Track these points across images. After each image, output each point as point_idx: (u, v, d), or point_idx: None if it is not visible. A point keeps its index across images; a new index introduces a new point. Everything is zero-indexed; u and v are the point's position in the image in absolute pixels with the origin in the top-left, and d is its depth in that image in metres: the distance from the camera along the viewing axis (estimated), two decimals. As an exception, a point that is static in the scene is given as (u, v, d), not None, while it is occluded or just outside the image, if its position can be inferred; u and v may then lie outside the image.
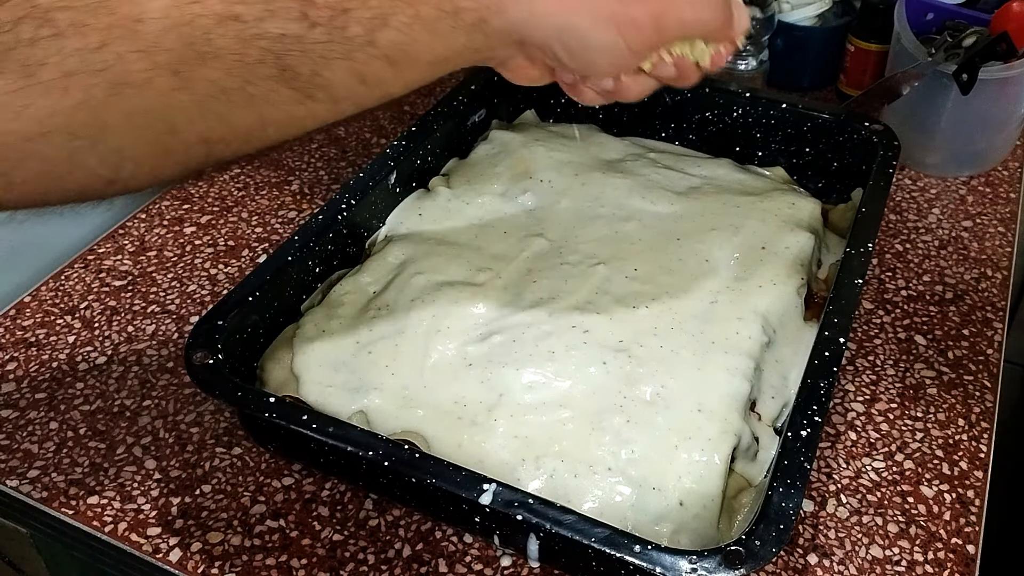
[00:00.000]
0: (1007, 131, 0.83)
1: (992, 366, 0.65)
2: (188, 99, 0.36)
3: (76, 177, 0.38)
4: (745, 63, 0.87)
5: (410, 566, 0.52)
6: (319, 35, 0.37)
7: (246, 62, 0.36)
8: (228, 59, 0.36)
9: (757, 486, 0.54)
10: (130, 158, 0.37)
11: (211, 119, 0.37)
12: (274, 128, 0.39)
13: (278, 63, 0.37)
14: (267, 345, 0.60)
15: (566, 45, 0.41)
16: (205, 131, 0.37)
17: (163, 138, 0.37)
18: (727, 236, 0.66)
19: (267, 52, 0.36)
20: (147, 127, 0.36)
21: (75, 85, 0.34)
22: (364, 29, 0.38)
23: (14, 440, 0.59)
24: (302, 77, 0.37)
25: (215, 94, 0.36)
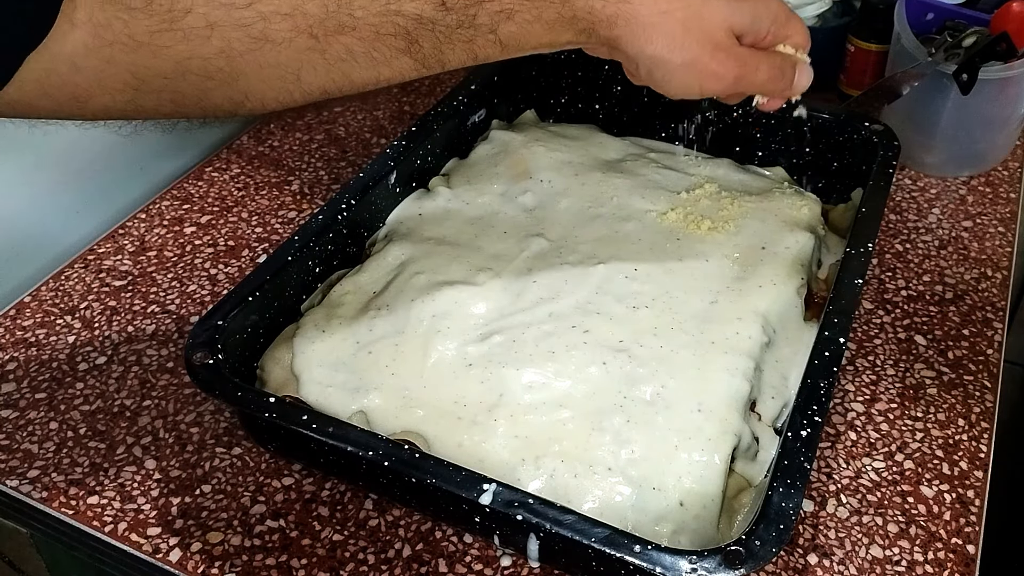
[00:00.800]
0: (1007, 131, 0.83)
1: (992, 366, 0.65)
2: (319, 58, 0.41)
3: (201, 107, 0.41)
4: (745, 63, 0.87)
5: (410, 566, 0.52)
6: (451, 20, 0.42)
7: (380, 33, 0.41)
8: (364, 29, 0.40)
9: (757, 486, 0.54)
10: (255, 99, 0.41)
11: (335, 75, 0.42)
12: (385, 82, 0.44)
13: (407, 37, 0.42)
14: (267, 345, 0.60)
15: (651, 71, 0.47)
16: (327, 84, 0.42)
17: (288, 86, 0.41)
18: (727, 236, 0.66)
19: (401, 28, 0.41)
20: (277, 78, 0.41)
21: (217, 35, 0.38)
22: (491, 20, 0.43)
23: (14, 440, 0.59)
24: (424, 50, 0.42)
25: (345, 56, 0.41)
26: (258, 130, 0.89)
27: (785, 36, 0.51)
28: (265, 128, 0.89)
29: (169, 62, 0.38)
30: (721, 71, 0.47)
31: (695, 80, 0.47)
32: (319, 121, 0.91)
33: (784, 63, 0.51)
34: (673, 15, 0.45)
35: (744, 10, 0.48)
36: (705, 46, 0.46)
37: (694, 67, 0.47)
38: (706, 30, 0.46)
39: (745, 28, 0.48)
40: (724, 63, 0.47)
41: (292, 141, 0.88)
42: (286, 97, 0.42)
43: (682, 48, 0.46)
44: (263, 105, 0.42)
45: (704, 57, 0.46)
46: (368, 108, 0.93)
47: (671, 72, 0.47)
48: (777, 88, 0.52)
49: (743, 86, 0.50)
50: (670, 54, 0.46)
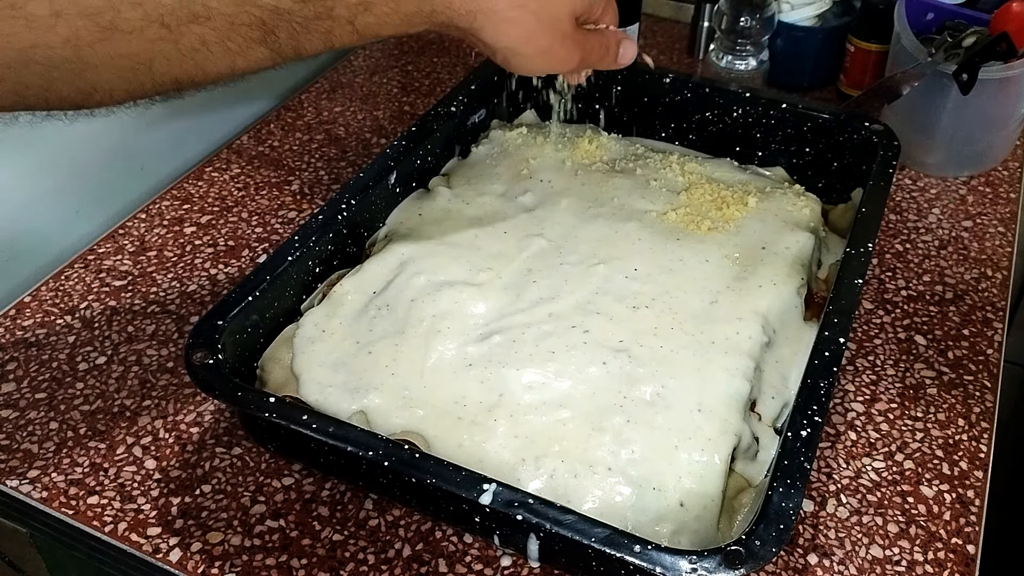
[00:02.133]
0: (1007, 131, 0.83)
1: (992, 366, 0.65)
2: (172, 48, 0.40)
3: (46, 99, 0.40)
4: (745, 63, 0.87)
5: (410, 566, 0.52)
6: (308, 12, 0.42)
7: (235, 23, 0.40)
8: (219, 19, 0.40)
9: (757, 486, 0.54)
10: (103, 91, 0.40)
11: (188, 66, 0.41)
12: (239, 73, 0.43)
13: (263, 27, 0.41)
14: (267, 345, 0.60)
15: (507, 59, 0.51)
16: (180, 75, 0.41)
17: (140, 78, 0.40)
18: (727, 236, 0.66)
19: (256, 18, 0.41)
20: (127, 68, 0.39)
21: (63, 23, 0.37)
22: (349, 12, 0.43)
23: (14, 440, 0.59)
24: (280, 40, 0.42)
25: (198, 46, 0.40)
26: (258, 130, 0.89)
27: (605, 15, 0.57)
28: (265, 128, 0.89)
29: (10, 51, 0.37)
30: (568, 56, 0.53)
31: (546, 65, 0.52)
32: (319, 121, 0.91)
33: (610, 40, 0.57)
34: (527, 8, 0.49)
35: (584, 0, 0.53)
36: (555, 36, 0.51)
37: (545, 55, 0.52)
38: (555, 21, 0.50)
39: (584, 10, 0.53)
40: (571, 49, 0.53)
41: (292, 141, 0.88)
42: (137, 89, 0.41)
43: (535, 40, 0.50)
44: (112, 98, 0.41)
45: (555, 46, 0.51)
46: (368, 108, 0.93)
47: (526, 60, 0.51)
48: (607, 63, 0.58)
49: (583, 65, 0.56)
50: (524, 46, 0.50)
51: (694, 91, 0.77)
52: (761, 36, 0.87)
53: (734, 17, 0.85)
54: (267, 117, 0.91)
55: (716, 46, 0.89)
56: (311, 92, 0.95)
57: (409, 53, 1.02)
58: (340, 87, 0.96)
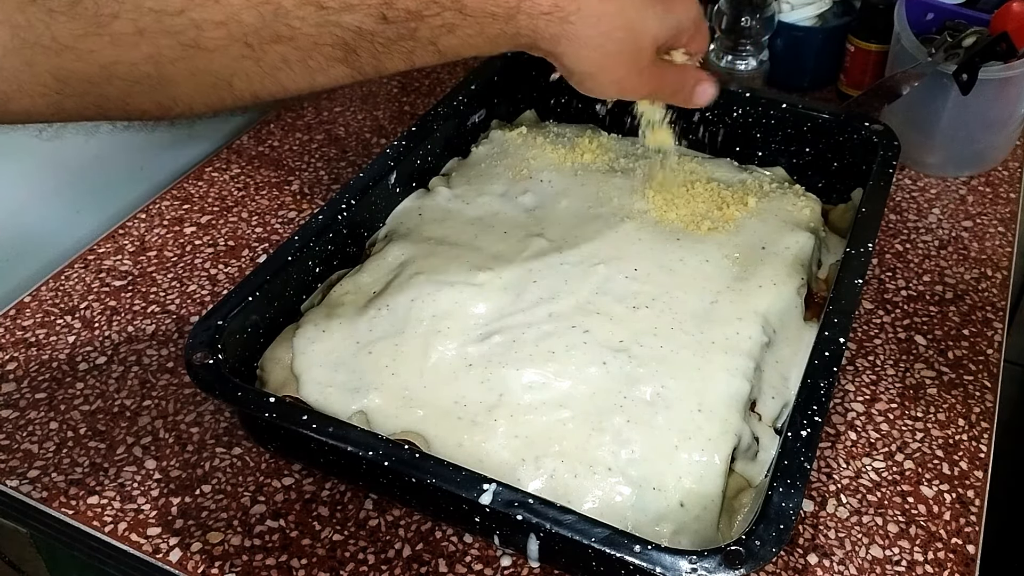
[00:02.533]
0: (1007, 131, 0.83)
1: (992, 366, 0.65)
2: (253, 66, 0.40)
3: (127, 111, 0.40)
4: (745, 63, 0.87)
5: (410, 566, 0.52)
6: (391, 33, 0.41)
7: (317, 43, 0.40)
8: (301, 39, 0.40)
9: (757, 486, 0.54)
10: (183, 104, 0.40)
11: (268, 82, 0.41)
12: (318, 88, 0.43)
13: (345, 47, 0.41)
14: (267, 345, 0.60)
15: (582, 82, 0.50)
16: (260, 90, 0.41)
17: (220, 92, 0.40)
18: (727, 236, 0.66)
19: (339, 39, 0.40)
20: (208, 84, 0.40)
21: (147, 41, 0.37)
22: (432, 34, 0.42)
23: (14, 440, 0.59)
24: (361, 60, 0.42)
25: (279, 64, 0.40)
26: (258, 130, 0.89)
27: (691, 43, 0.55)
28: (265, 128, 0.89)
29: (94, 66, 0.37)
30: (640, 88, 0.52)
31: (616, 91, 0.51)
32: (319, 121, 0.91)
33: (687, 79, 0.56)
34: (612, 36, 0.48)
35: (670, 22, 0.51)
36: (632, 68, 0.50)
37: (619, 84, 0.51)
38: (637, 52, 0.49)
39: (667, 39, 0.52)
40: (645, 82, 0.52)
41: (292, 141, 0.88)
42: (216, 103, 0.41)
43: (615, 68, 0.49)
44: (191, 110, 0.41)
45: (631, 76, 0.50)
46: (368, 108, 0.93)
47: (599, 85, 0.50)
48: (680, 100, 0.57)
49: (654, 96, 0.56)
50: (603, 73, 0.49)
51: (694, 91, 0.77)
52: (761, 36, 0.86)
53: (734, 17, 0.85)
54: (267, 117, 0.91)
55: (716, 46, 0.89)
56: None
57: (409, 53, 1.02)
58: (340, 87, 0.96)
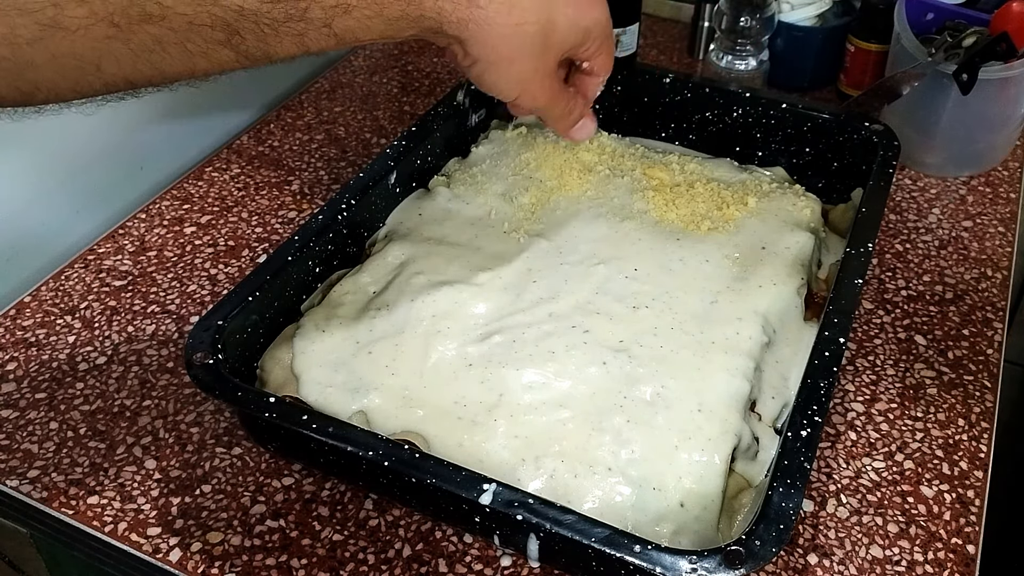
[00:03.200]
0: (1007, 131, 0.83)
1: (992, 366, 0.65)
2: (122, 48, 0.37)
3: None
4: (745, 63, 0.87)
5: (410, 566, 0.52)
6: (278, 13, 0.39)
7: (194, 23, 0.37)
8: (175, 19, 0.37)
9: (757, 486, 0.54)
10: (47, 90, 0.38)
11: (142, 66, 0.38)
12: (202, 75, 0.40)
13: (227, 29, 0.38)
14: (267, 345, 0.60)
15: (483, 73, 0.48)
16: (133, 75, 0.38)
17: (87, 77, 0.37)
18: (727, 236, 0.66)
19: (219, 19, 0.38)
20: (73, 68, 0.37)
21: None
22: (325, 15, 0.40)
23: (14, 440, 0.59)
24: (247, 43, 0.39)
25: (152, 47, 0.37)
26: (258, 130, 0.89)
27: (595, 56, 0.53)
28: (265, 128, 0.89)
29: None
30: (538, 94, 0.51)
31: (517, 89, 0.49)
32: (319, 121, 0.91)
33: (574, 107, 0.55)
34: (524, 29, 0.46)
35: (580, 27, 0.49)
36: (539, 67, 0.48)
37: (521, 83, 0.49)
38: (545, 51, 0.48)
39: (575, 45, 0.50)
40: (545, 90, 0.50)
41: (292, 141, 0.88)
42: (85, 88, 0.38)
43: (520, 64, 0.47)
44: (58, 96, 0.38)
45: (535, 79, 0.49)
46: (368, 108, 0.93)
47: (501, 80, 0.48)
48: (560, 127, 0.56)
49: (540, 111, 0.54)
50: (508, 67, 0.47)
51: (694, 91, 0.77)
52: (761, 36, 0.86)
53: (734, 17, 0.85)
54: (267, 117, 0.91)
55: (716, 46, 0.89)
56: (311, 92, 0.95)
57: (409, 53, 1.02)
58: (340, 87, 0.96)
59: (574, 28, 0.49)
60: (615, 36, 0.83)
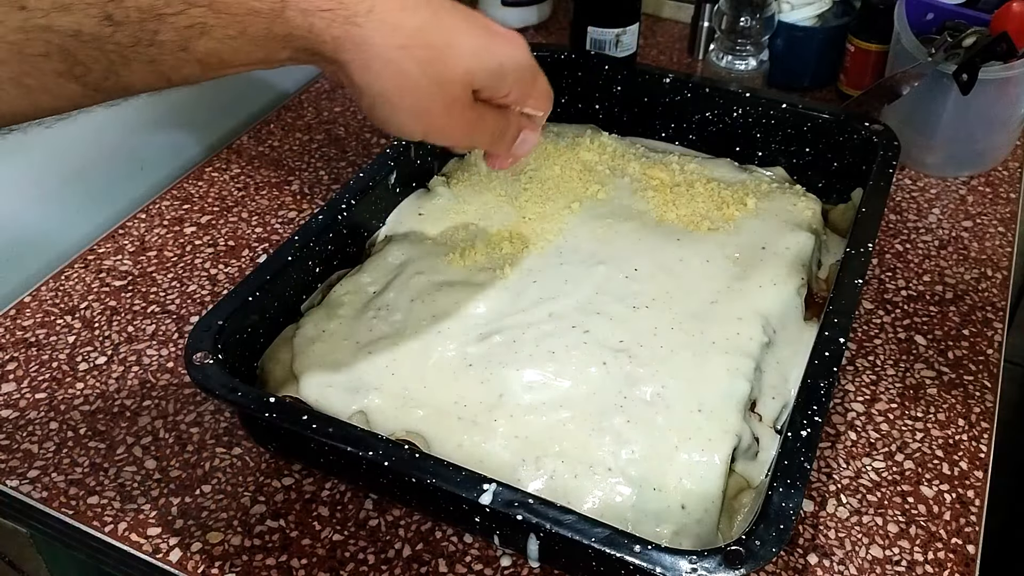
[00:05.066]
0: (1007, 131, 0.83)
1: (992, 366, 0.65)
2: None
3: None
4: (745, 63, 0.87)
5: (410, 566, 0.52)
6: (123, 38, 0.34)
7: (25, 53, 0.33)
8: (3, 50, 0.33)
9: (757, 486, 0.53)
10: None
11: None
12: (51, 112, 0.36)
13: (66, 58, 0.34)
14: (267, 345, 0.60)
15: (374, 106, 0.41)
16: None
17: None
18: (727, 236, 0.66)
19: (55, 47, 0.33)
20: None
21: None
22: (179, 36, 0.35)
23: (14, 440, 0.59)
24: (94, 74, 0.35)
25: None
26: (258, 130, 0.89)
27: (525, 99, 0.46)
28: (265, 128, 0.89)
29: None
30: (449, 128, 0.43)
31: (419, 128, 0.43)
32: (319, 121, 0.91)
33: (507, 126, 0.47)
34: (412, 53, 0.40)
35: (490, 64, 0.43)
36: (438, 98, 0.41)
37: (422, 117, 0.42)
38: (445, 80, 0.41)
39: (485, 85, 0.43)
40: (454, 120, 0.43)
41: (292, 141, 0.88)
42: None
43: (414, 94, 0.41)
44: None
45: (436, 109, 0.42)
46: (368, 108, 0.92)
47: (396, 114, 0.42)
48: (498, 150, 0.49)
49: (468, 143, 0.46)
50: (400, 98, 0.41)
51: (694, 91, 0.77)
52: (761, 36, 0.86)
53: (734, 17, 0.85)
54: (267, 117, 0.91)
55: (716, 46, 0.89)
56: (311, 92, 0.95)
57: (409, 53, 1.02)
58: (340, 87, 0.96)
59: (481, 62, 0.42)
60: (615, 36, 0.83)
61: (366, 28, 0.39)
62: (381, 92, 0.40)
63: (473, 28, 0.42)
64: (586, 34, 0.85)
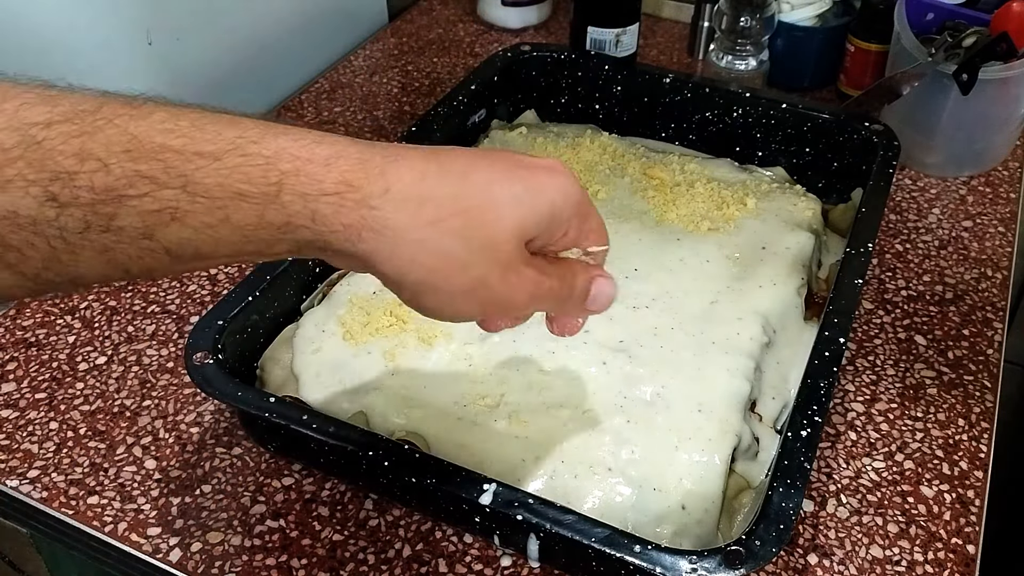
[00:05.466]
0: (1007, 131, 0.83)
1: (992, 366, 0.65)
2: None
3: None
4: (745, 63, 0.87)
5: (410, 566, 0.52)
6: (69, 222, 0.29)
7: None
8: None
9: (757, 486, 0.53)
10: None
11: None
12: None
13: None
14: (267, 345, 0.60)
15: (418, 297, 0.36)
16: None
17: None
18: (727, 236, 0.66)
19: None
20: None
21: None
22: (143, 223, 0.30)
23: (14, 440, 0.59)
24: (31, 263, 0.30)
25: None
26: (258, 130, 0.89)
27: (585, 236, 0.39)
28: (265, 128, 0.89)
29: None
30: (512, 297, 0.36)
31: (477, 309, 0.36)
32: (319, 121, 0.91)
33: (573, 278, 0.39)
34: (447, 226, 0.33)
35: (540, 207, 0.36)
36: (492, 266, 0.35)
37: (477, 294, 0.35)
38: (493, 244, 0.34)
39: (540, 229, 0.36)
40: (515, 287, 0.36)
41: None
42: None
43: (462, 273, 0.34)
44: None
45: (492, 280, 0.35)
46: (368, 108, 0.93)
47: (446, 302, 0.35)
48: (570, 308, 0.41)
49: (534, 307, 0.38)
50: (445, 282, 0.34)
51: (694, 91, 0.77)
52: (761, 36, 0.86)
53: (734, 17, 0.85)
54: (267, 117, 0.91)
55: (716, 46, 0.89)
56: (311, 92, 0.95)
57: (409, 53, 1.02)
58: (340, 87, 0.96)
59: (526, 209, 0.35)
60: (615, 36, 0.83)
61: (384, 209, 0.32)
62: (421, 280, 0.34)
63: (508, 172, 0.35)
64: (586, 34, 0.85)
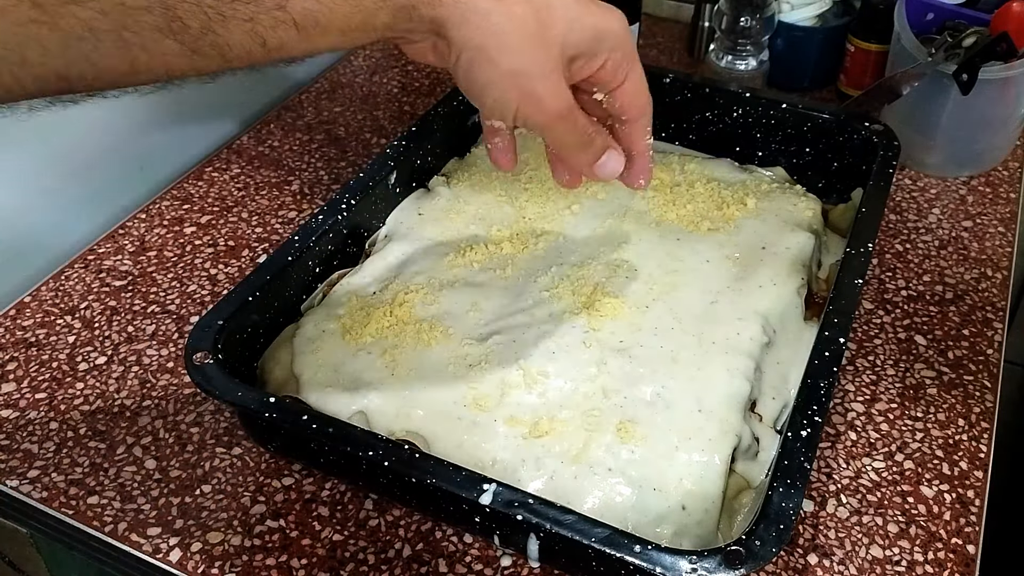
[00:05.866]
0: (1007, 131, 0.83)
1: (992, 366, 0.65)
2: (49, 34, 0.32)
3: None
4: (745, 63, 0.87)
5: (410, 566, 0.52)
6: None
7: (128, 6, 0.33)
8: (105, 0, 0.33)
9: (757, 486, 0.53)
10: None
11: (74, 57, 0.33)
12: (147, 75, 0.36)
13: (167, 14, 0.34)
14: (267, 345, 0.60)
15: (470, 69, 0.40)
16: (63, 68, 0.34)
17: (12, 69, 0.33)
18: (727, 236, 0.66)
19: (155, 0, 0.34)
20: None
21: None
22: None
23: (14, 440, 0.59)
24: (192, 31, 0.34)
25: (83, 34, 0.33)
26: (258, 130, 0.89)
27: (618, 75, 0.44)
28: (265, 128, 0.89)
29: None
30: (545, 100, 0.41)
31: (515, 94, 0.40)
32: (319, 121, 0.91)
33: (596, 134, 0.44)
34: (509, 8, 0.39)
35: (585, 28, 0.41)
36: (539, 59, 0.40)
37: (518, 81, 0.40)
38: (542, 40, 0.40)
39: (581, 51, 0.41)
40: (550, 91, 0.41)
41: (292, 141, 0.88)
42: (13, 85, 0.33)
43: (511, 54, 0.39)
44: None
45: (533, 72, 0.40)
46: (368, 108, 0.93)
47: (494, 77, 0.40)
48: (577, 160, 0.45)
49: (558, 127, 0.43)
50: (498, 54, 0.39)
51: (694, 91, 0.77)
52: (761, 36, 0.86)
53: (734, 17, 0.85)
54: (267, 117, 0.91)
55: (716, 46, 0.89)
56: (311, 92, 0.95)
57: (409, 53, 1.02)
58: (340, 87, 0.96)
59: (577, 25, 0.41)
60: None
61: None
62: (480, 46, 0.39)
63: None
64: (586, 34, 0.85)
